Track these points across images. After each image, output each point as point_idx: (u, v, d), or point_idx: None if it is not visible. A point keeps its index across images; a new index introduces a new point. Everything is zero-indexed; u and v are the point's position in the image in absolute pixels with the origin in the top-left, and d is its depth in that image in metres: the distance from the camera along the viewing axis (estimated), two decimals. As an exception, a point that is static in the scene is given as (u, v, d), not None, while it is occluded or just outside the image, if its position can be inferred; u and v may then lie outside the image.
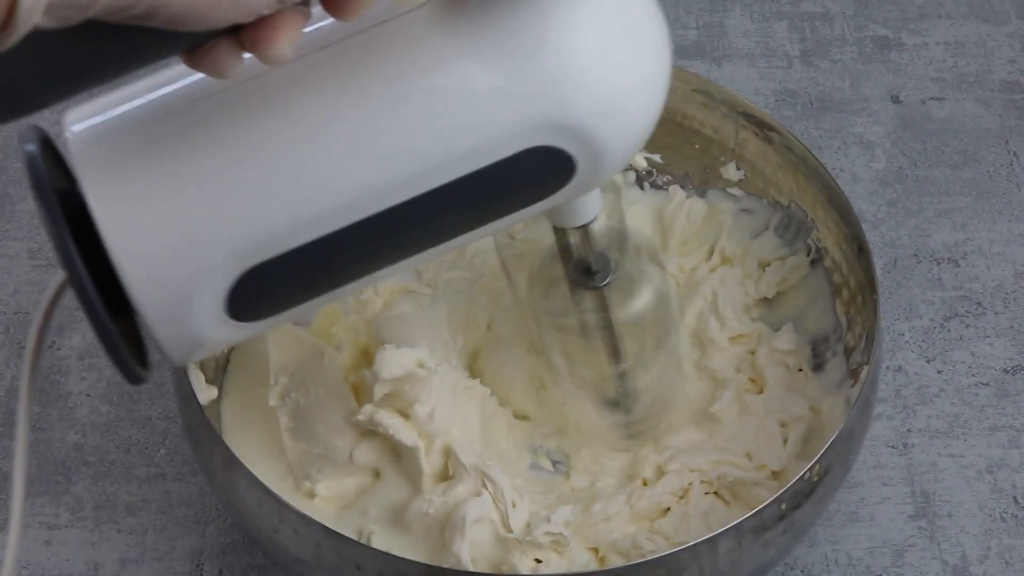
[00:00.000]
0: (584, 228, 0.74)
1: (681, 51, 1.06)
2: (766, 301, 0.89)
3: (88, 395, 0.90)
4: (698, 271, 0.90)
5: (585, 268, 0.77)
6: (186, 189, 0.63)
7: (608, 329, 0.78)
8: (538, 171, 0.66)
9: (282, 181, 0.63)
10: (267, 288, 0.65)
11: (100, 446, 0.89)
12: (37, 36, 0.54)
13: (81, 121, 0.66)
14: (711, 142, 0.90)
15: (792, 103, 1.04)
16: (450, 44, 0.63)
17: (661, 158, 0.91)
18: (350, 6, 0.59)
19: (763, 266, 0.89)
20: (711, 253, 0.90)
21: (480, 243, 0.88)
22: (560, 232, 0.76)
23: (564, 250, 0.77)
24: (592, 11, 0.64)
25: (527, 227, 0.84)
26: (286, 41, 0.57)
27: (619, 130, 0.66)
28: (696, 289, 0.88)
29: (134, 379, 0.66)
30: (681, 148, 0.91)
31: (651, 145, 0.91)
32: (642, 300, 0.79)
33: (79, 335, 0.92)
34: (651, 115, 0.67)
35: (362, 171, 0.64)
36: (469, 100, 0.64)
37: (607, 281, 0.77)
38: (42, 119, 0.60)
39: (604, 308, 0.78)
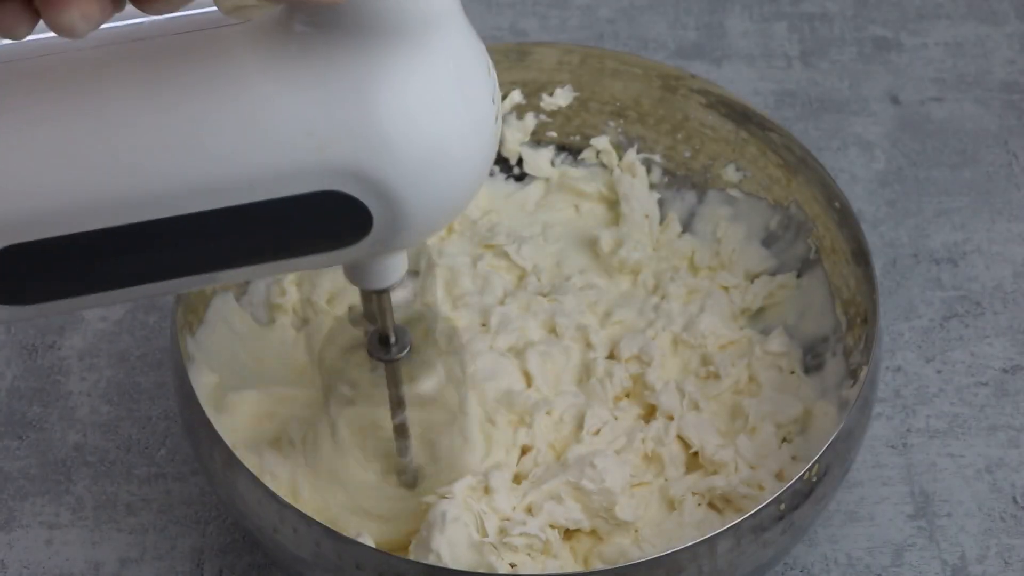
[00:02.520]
0: (384, 293, 0.71)
1: (681, 51, 1.07)
2: (753, 310, 0.89)
3: (88, 395, 0.90)
4: (679, 274, 0.89)
5: (381, 337, 0.74)
6: None
7: (397, 403, 0.76)
8: (330, 219, 0.63)
9: (46, 163, 0.60)
10: (25, 273, 0.62)
11: (100, 446, 0.89)
12: None
13: None
14: (710, 143, 0.90)
15: (791, 104, 1.04)
16: (264, 63, 0.61)
17: (660, 159, 0.92)
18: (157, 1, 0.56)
19: (750, 277, 0.89)
20: (691, 260, 0.90)
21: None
22: (366, 295, 0.73)
23: (369, 314, 0.73)
24: (423, 67, 0.61)
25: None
26: (76, 11, 0.55)
27: (425, 196, 0.63)
28: (679, 298, 0.88)
29: None
30: (680, 149, 0.91)
31: (650, 145, 0.92)
32: (432, 383, 0.76)
33: (79, 335, 0.93)
34: (464, 190, 0.64)
35: (141, 174, 0.60)
36: (264, 126, 0.60)
37: (402, 354, 0.74)
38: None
39: (395, 382, 0.75)
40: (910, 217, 0.98)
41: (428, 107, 0.61)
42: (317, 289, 0.87)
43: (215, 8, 0.61)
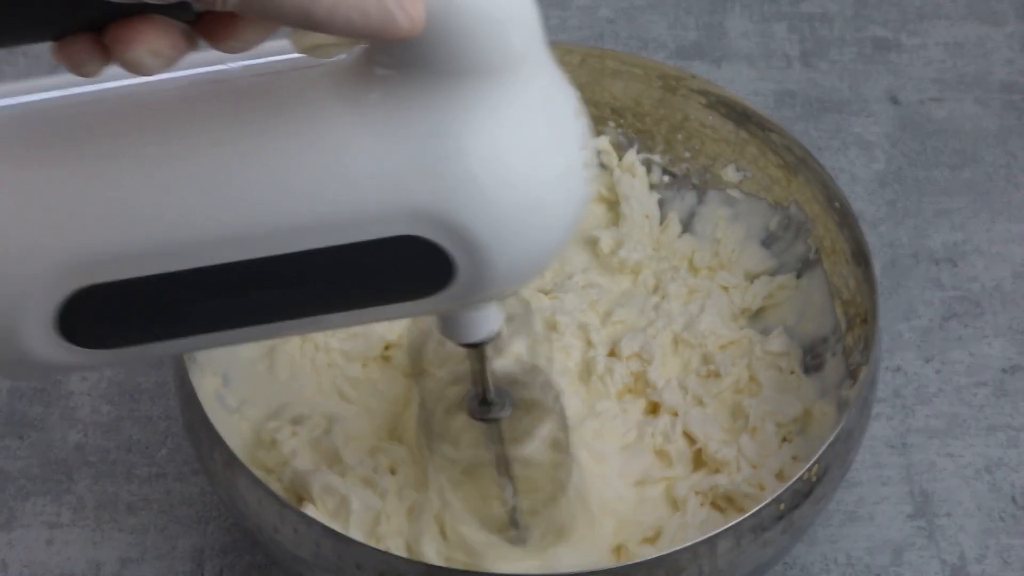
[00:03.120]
0: (477, 348, 0.70)
1: (680, 52, 1.07)
2: (752, 308, 0.89)
3: (89, 395, 0.90)
4: (679, 274, 0.89)
5: (481, 398, 0.73)
6: (29, 185, 0.59)
7: (501, 463, 0.74)
8: (412, 265, 0.61)
9: (125, 203, 0.59)
10: (101, 315, 0.61)
11: (101, 446, 0.89)
12: None
13: None
14: (710, 143, 0.90)
15: (791, 104, 1.04)
16: (344, 105, 0.59)
17: (660, 159, 0.92)
18: (227, 34, 0.56)
19: (750, 277, 0.89)
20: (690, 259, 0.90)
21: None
22: (474, 355, 0.71)
23: (476, 374, 0.72)
24: (509, 111, 0.59)
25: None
26: (145, 48, 0.55)
27: (511, 245, 0.60)
28: (679, 297, 0.88)
29: None
30: (680, 149, 0.91)
31: (650, 146, 0.92)
32: (536, 447, 0.75)
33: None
34: (553, 241, 0.61)
35: (216, 214, 0.59)
36: (347, 170, 0.59)
37: (504, 413, 0.73)
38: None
39: (497, 441, 0.73)
40: (910, 217, 0.98)
41: (513, 149, 0.59)
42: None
43: (291, 54, 0.60)
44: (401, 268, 0.61)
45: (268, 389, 0.84)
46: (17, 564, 0.84)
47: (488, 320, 0.67)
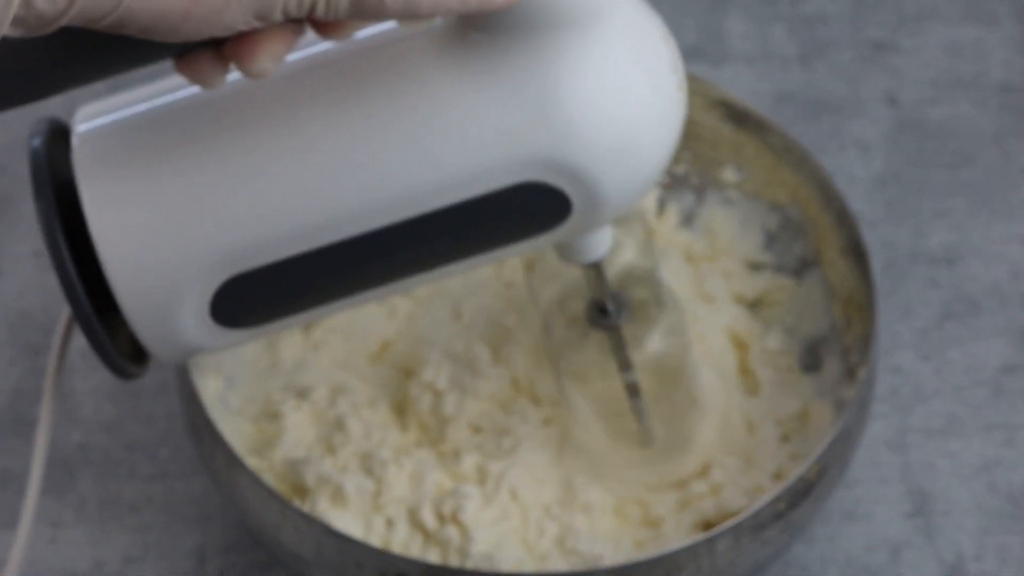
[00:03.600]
0: (595, 266, 0.73)
1: (680, 52, 1.07)
2: (755, 305, 0.89)
3: (92, 394, 0.91)
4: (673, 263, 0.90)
5: (600, 306, 0.76)
6: (175, 192, 0.64)
7: (626, 367, 0.77)
8: (531, 207, 0.65)
9: (269, 193, 0.64)
10: (252, 297, 0.66)
11: (104, 445, 0.89)
12: (7, 41, 0.54)
13: (89, 119, 0.66)
14: (709, 144, 0.90)
15: (790, 105, 1.04)
16: (449, 72, 0.63)
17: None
18: (334, 29, 0.59)
19: (750, 266, 0.89)
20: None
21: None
22: (588, 270, 0.74)
23: (592, 287, 0.75)
24: (600, 52, 0.63)
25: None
26: (267, 56, 0.58)
27: (619, 174, 0.65)
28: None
29: (122, 374, 0.67)
30: (679, 150, 0.91)
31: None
32: (657, 342, 0.78)
33: (82, 335, 0.93)
34: (656, 163, 0.66)
35: (350, 191, 0.64)
36: (463, 130, 0.63)
37: (622, 320, 0.76)
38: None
39: (620, 347, 0.76)
40: (908, 218, 0.98)
41: (611, 89, 0.64)
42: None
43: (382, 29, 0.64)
44: (521, 211, 0.65)
45: (269, 385, 0.84)
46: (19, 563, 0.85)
47: (602, 239, 0.72)
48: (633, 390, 0.78)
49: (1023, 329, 0.93)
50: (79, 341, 0.92)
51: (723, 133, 0.90)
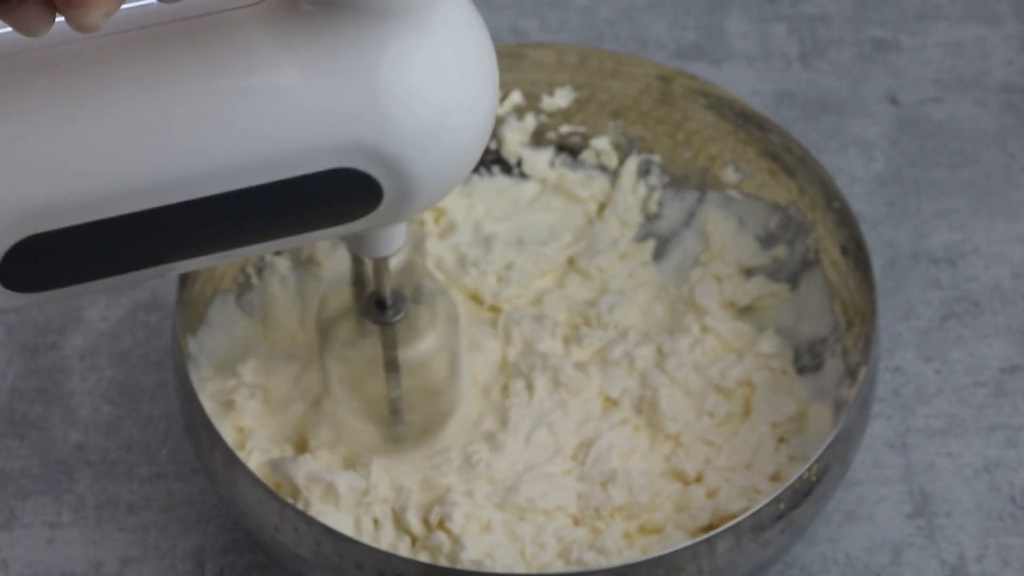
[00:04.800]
0: (384, 260, 0.73)
1: (680, 52, 1.07)
2: (747, 311, 0.89)
3: (90, 394, 0.91)
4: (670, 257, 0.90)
5: (379, 301, 0.76)
6: None
7: (391, 364, 0.77)
8: (341, 194, 0.65)
9: (73, 151, 0.61)
10: (42, 262, 0.63)
11: (102, 445, 0.89)
12: None
13: None
14: (710, 143, 0.90)
15: (791, 104, 1.04)
16: (273, 45, 0.62)
17: (659, 159, 0.92)
18: None
19: (744, 271, 0.89)
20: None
21: None
22: (357, 261, 0.74)
23: (358, 280, 0.75)
24: (426, 44, 0.63)
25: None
26: (99, 11, 0.56)
27: (431, 164, 0.65)
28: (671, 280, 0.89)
29: None
30: (680, 150, 0.91)
31: (650, 146, 0.92)
32: (429, 342, 0.78)
33: (80, 335, 0.93)
34: (468, 154, 0.66)
35: (157, 158, 0.61)
36: (280, 107, 0.62)
37: (398, 317, 0.76)
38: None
39: (392, 344, 0.76)
40: (909, 217, 0.98)
41: (432, 83, 0.63)
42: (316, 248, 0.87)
43: None
44: (332, 197, 0.64)
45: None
46: (18, 564, 0.84)
47: (397, 235, 0.71)
48: (394, 388, 0.78)
49: (1025, 329, 0.93)
50: (79, 341, 0.92)
51: (724, 133, 0.90)
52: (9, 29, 0.59)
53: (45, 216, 0.61)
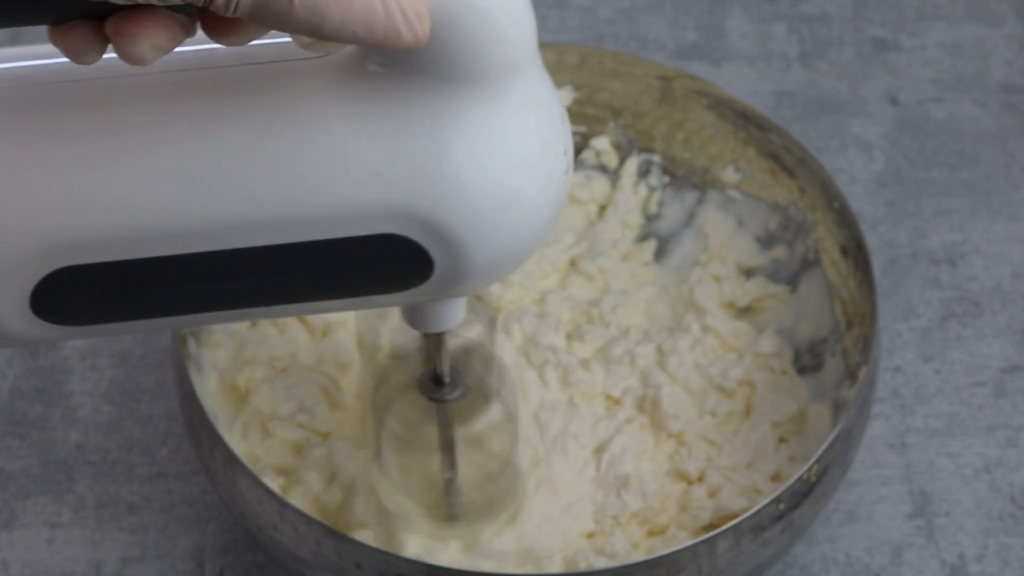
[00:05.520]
0: (439, 335, 0.70)
1: (680, 52, 1.07)
2: (747, 312, 0.89)
3: (90, 395, 0.91)
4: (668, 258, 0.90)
5: (435, 377, 0.73)
6: (10, 167, 0.59)
7: (448, 442, 0.75)
8: (392, 262, 0.62)
9: (120, 186, 0.59)
10: (78, 295, 0.61)
11: (102, 445, 0.89)
12: None
13: None
14: (710, 143, 0.90)
15: (791, 104, 1.04)
16: (336, 99, 0.60)
17: (660, 160, 0.92)
18: (229, 30, 0.56)
19: (744, 271, 0.89)
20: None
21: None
22: (425, 343, 0.72)
23: (428, 354, 0.73)
24: (498, 117, 0.60)
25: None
26: (147, 43, 0.55)
27: (487, 245, 0.62)
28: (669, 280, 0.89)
29: None
30: (680, 150, 0.91)
31: (649, 146, 0.92)
32: (486, 421, 0.76)
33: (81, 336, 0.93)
34: (529, 243, 0.63)
35: (204, 203, 0.59)
36: (335, 164, 0.60)
37: (455, 395, 0.74)
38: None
39: (447, 422, 0.74)
40: (909, 217, 0.98)
41: (502, 157, 0.60)
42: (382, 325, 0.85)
43: (286, 38, 0.60)
44: (379, 264, 0.62)
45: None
46: (18, 564, 0.85)
47: (454, 311, 0.68)
48: (450, 467, 0.76)
49: (1024, 329, 0.93)
50: (77, 341, 0.92)
51: (724, 133, 0.90)
52: (66, 59, 0.58)
53: (82, 248, 0.60)
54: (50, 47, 0.59)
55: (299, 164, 0.59)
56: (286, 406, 0.82)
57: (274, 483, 0.80)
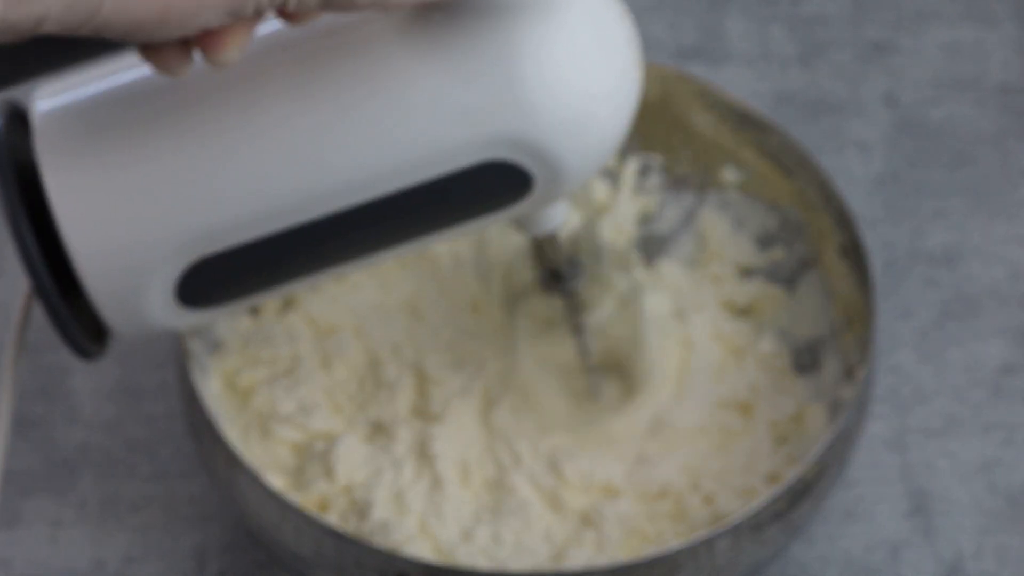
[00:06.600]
0: (551, 236, 0.75)
1: (679, 53, 1.07)
2: (746, 312, 0.89)
3: (92, 394, 0.91)
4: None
5: (554, 273, 0.77)
6: (141, 177, 0.64)
7: (579, 330, 0.79)
8: (494, 185, 0.66)
9: (236, 177, 0.64)
10: (216, 279, 0.67)
11: (104, 444, 0.89)
12: None
13: (49, 98, 0.66)
14: (709, 144, 0.90)
15: (790, 105, 1.04)
16: (410, 52, 0.64)
17: (659, 160, 0.92)
18: (305, 18, 0.60)
19: (742, 271, 0.89)
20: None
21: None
22: (533, 241, 0.76)
23: (533, 254, 0.77)
24: (561, 32, 0.64)
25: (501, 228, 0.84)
26: (234, 48, 0.58)
27: (579, 150, 0.66)
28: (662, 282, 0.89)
29: (84, 354, 0.68)
30: (679, 150, 0.91)
31: (649, 146, 0.92)
32: (610, 306, 0.80)
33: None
34: (614, 136, 0.68)
35: (314, 173, 0.64)
36: (426, 110, 0.64)
37: (576, 285, 0.78)
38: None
39: (575, 311, 0.78)
40: (907, 218, 0.98)
41: (571, 68, 0.65)
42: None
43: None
44: (484, 188, 0.66)
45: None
46: (20, 562, 0.85)
47: (560, 209, 0.73)
48: (585, 351, 0.79)
49: (1022, 329, 0.93)
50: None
51: (723, 133, 0.90)
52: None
53: (216, 238, 0.65)
54: (127, 60, 0.65)
55: (393, 117, 0.64)
56: (286, 406, 0.83)
57: (276, 483, 0.80)
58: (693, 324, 0.87)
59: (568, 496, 0.81)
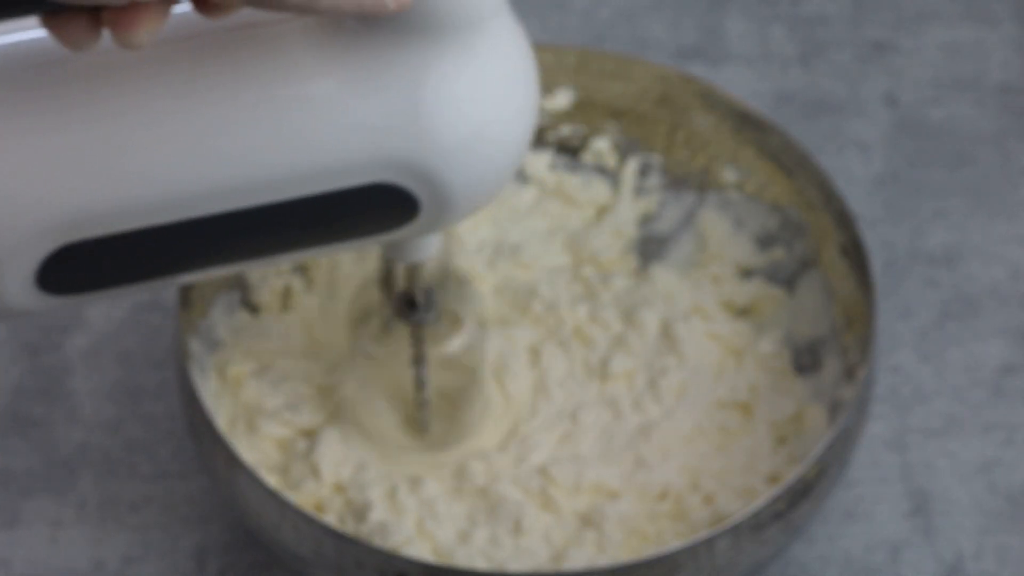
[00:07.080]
0: (418, 265, 0.74)
1: (679, 53, 1.07)
2: (746, 312, 0.89)
3: (92, 394, 0.91)
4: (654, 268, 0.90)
5: (409, 302, 0.77)
6: (12, 151, 0.61)
7: (419, 363, 0.78)
8: (380, 208, 0.65)
9: (117, 165, 0.62)
10: (81, 268, 0.64)
11: (104, 444, 0.89)
12: None
13: None
14: (709, 144, 0.90)
15: (790, 105, 1.04)
16: (316, 59, 0.62)
17: (659, 160, 0.92)
18: (223, 10, 0.58)
19: (742, 271, 0.89)
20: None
21: None
22: (386, 261, 0.75)
23: (387, 281, 0.76)
24: (467, 60, 0.64)
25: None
26: (145, 31, 0.57)
27: (469, 181, 0.65)
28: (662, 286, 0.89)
29: None
30: (679, 150, 0.91)
31: (649, 146, 0.92)
32: (459, 341, 0.79)
33: (83, 334, 0.93)
34: (504, 172, 0.67)
35: (197, 171, 0.62)
36: (321, 121, 0.63)
37: (429, 317, 0.77)
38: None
39: (419, 342, 0.78)
40: (907, 218, 0.98)
41: (473, 101, 0.64)
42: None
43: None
44: (368, 210, 0.65)
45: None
46: (20, 562, 0.85)
47: (433, 240, 0.72)
48: (420, 384, 0.79)
49: (1022, 329, 0.93)
50: (79, 340, 0.93)
51: (723, 133, 0.90)
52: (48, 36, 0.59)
53: (83, 224, 0.62)
54: (28, 26, 0.61)
55: (287, 123, 0.62)
56: (273, 401, 0.83)
57: (270, 480, 0.80)
58: (689, 327, 0.87)
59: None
